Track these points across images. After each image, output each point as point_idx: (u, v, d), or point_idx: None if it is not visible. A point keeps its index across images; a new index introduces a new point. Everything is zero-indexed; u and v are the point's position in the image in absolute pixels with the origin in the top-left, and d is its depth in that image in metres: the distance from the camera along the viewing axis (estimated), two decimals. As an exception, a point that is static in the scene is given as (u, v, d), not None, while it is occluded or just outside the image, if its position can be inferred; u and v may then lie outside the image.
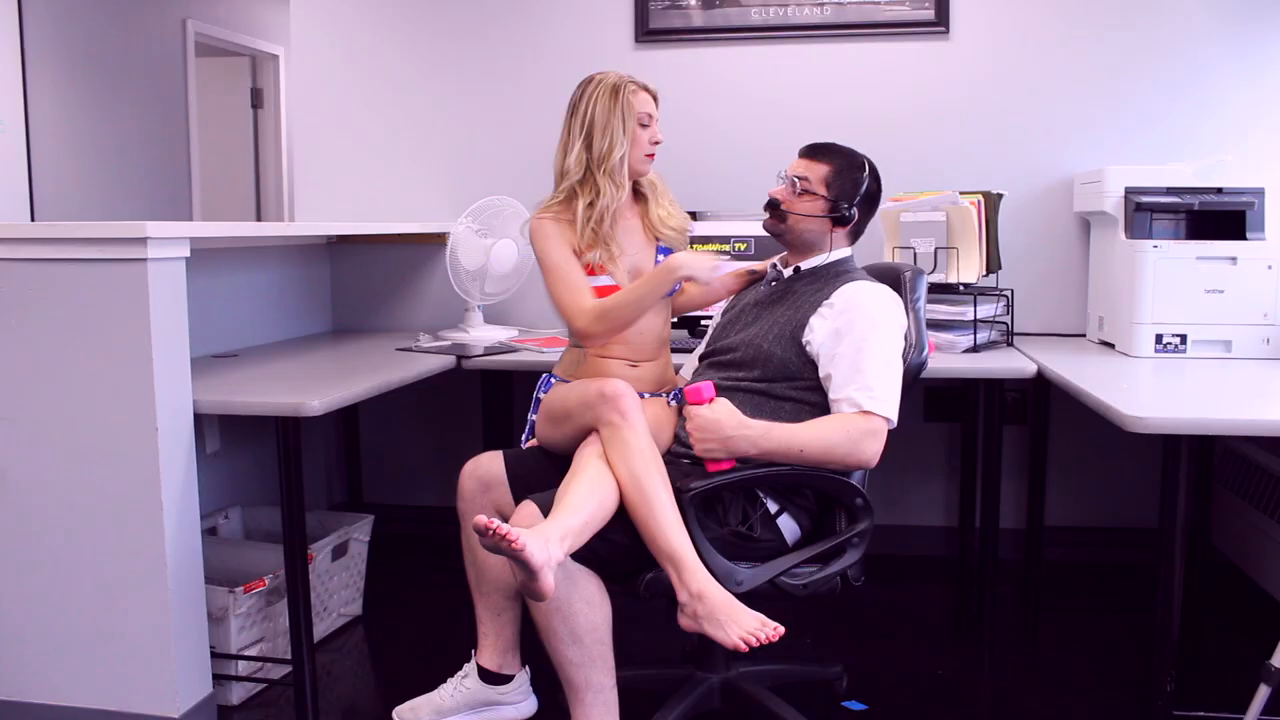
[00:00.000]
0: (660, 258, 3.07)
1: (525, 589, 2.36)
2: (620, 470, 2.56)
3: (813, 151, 2.91)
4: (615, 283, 2.97)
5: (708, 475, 2.60)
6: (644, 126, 3.00)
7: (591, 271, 2.97)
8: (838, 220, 2.85)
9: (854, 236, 2.94)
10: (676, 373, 3.21)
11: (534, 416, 3.04)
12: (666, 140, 3.11)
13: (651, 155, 3.05)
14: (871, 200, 2.91)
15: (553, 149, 3.07)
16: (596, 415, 2.64)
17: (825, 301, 2.76)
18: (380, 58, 4.66)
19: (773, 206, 2.89)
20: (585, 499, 2.50)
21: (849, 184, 2.85)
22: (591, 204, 2.95)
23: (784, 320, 2.80)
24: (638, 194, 3.10)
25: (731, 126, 4.39)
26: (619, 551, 2.56)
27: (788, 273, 2.93)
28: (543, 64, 4.53)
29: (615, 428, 2.60)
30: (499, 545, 2.27)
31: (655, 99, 3.06)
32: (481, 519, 2.27)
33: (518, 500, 2.76)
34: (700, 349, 3.13)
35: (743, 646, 2.40)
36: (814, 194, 2.84)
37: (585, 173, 2.97)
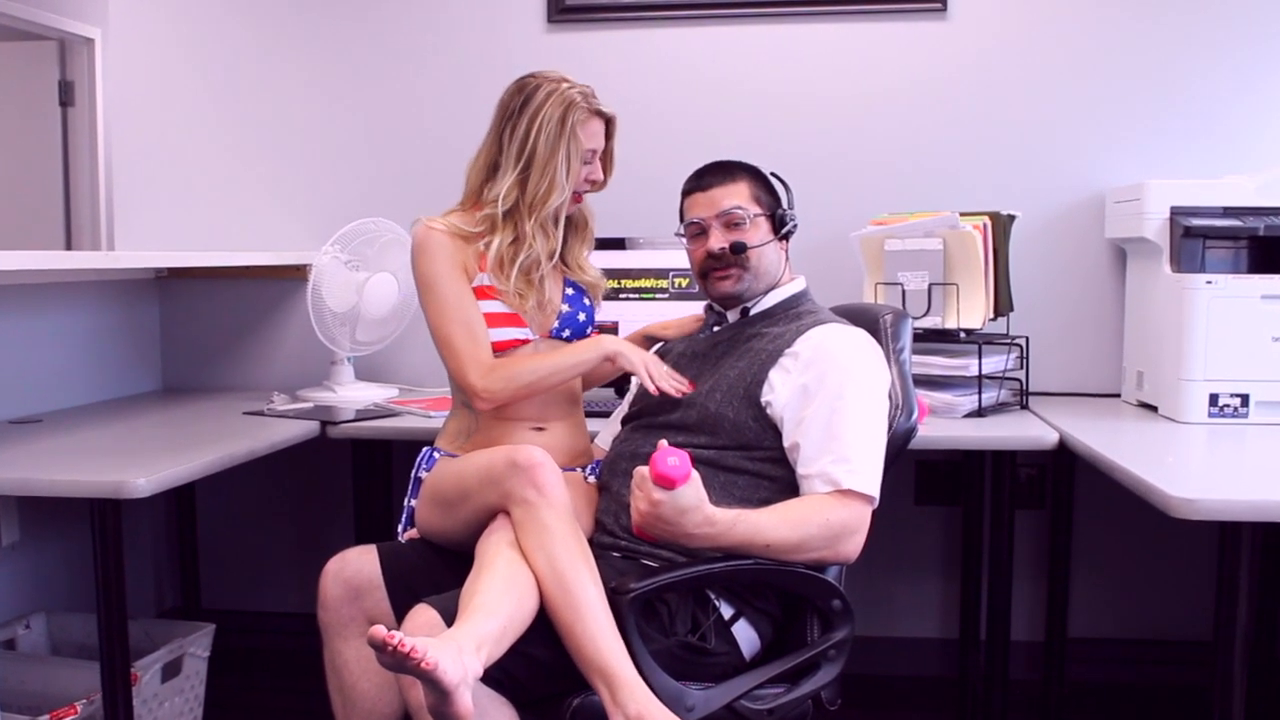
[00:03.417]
0: (569, 291, 3.13)
1: (437, 715, 2.32)
2: (539, 562, 2.53)
3: (722, 175, 2.98)
4: (524, 333, 3.02)
5: (645, 573, 2.58)
6: (585, 163, 3.04)
7: (482, 295, 2.99)
8: (783, 235, 2.95)
9: None
10: (592, 440, 3.22)
11: (413, 502, 3.02)
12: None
13: (580, 197, 3.10)
14: (788, 193, 3.02)
15: (447, 157, 3.08)
16: (506, 492, 2.62)
17: (787, 350, 2.77)
18: (225, 42, 4.64)
19: (739, 250, 2.88)
20: (500, 598, 2.46)
21: (766, 188, 2.98)
22: (515, 242, 2.98)
23: (734, 374, 2.81)
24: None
25: (670, 130, 4.39)
26: (536, 669, 2.52)
27: (733, 317, 2.98)
28: (431, 50, 4.53)
29: (531, 507, 2.58)
30: (403, 663, 2.22)
31: (611, 126, 3.11)
32: (379, 631, 2.21)
33: (398, 607, 2.74)
34: (622, 409, 3.14)
35: (695, 789, 2.38)
36: (757, 214, 2.92)
37: (513, 208, 2.99)
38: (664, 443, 2.47)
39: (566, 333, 3.10)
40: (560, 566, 2.51)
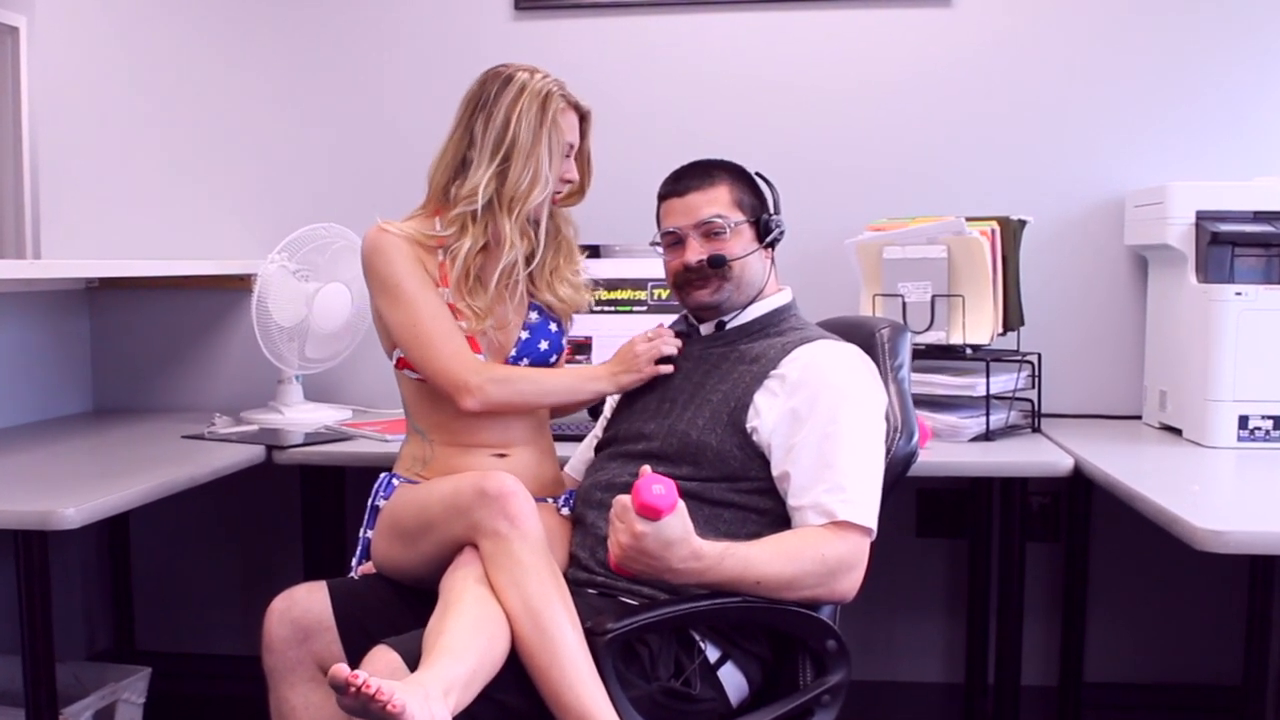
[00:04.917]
0: (532, 316, 3.09)
1: (401, 764, 2.30)
2: (511, 600, 2.51)
3: (700, 177, 2.95)
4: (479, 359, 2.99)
5: (624, 611, 2.57)
6: (564, 157, 3.04)
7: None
8: (769, 243, 2.94)
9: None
10: (561, 468, 3.21)
11: (369, 534, 3.00)
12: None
13: (555, 199, 3.09)
14: (775, 195, 3.01)
15: (407, 157, 3.06)
16: (474, 523, 2.60)
17: (773, 371, 2.77)
18: (163, 32, 4.63)
19: (717, 264, 2.87)
20: (469, 638, 2.43)
21: (750, 190, 2.96)
22: (484, 249, 2.96)
23: (716, 398, 2.80)
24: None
25: (648, 127, 4.38)
26: (508, 716, 2.50)
27: (706, 330, 2.97)
28: (390, 40, 4.52)
29: (502, 540, 2.56)
30: (367, 706, 2.19)
31: (585, 123, 3.11)
32: (342, 671, 2.18)
33: (351, 650, 2.71)
34: (595, 435, 3.14)
35: None
36: (739, 222, 2.90)
37: (490, 204, 2.96)
38: (647, 469, 2.45)
39: (525, 362, 3.07)
40: (535, 605, 2.49)
